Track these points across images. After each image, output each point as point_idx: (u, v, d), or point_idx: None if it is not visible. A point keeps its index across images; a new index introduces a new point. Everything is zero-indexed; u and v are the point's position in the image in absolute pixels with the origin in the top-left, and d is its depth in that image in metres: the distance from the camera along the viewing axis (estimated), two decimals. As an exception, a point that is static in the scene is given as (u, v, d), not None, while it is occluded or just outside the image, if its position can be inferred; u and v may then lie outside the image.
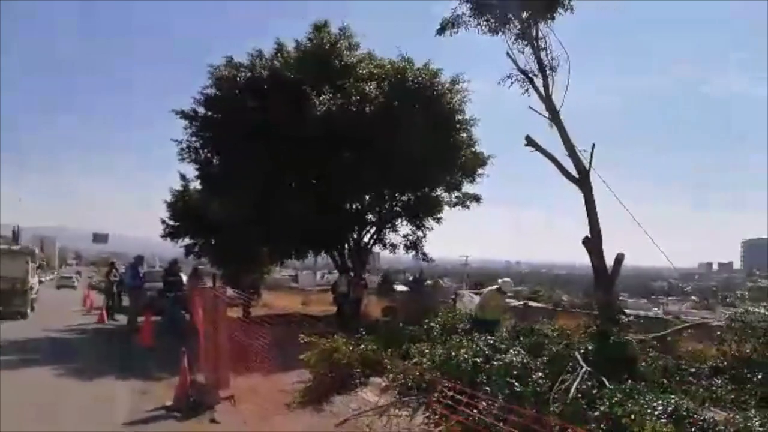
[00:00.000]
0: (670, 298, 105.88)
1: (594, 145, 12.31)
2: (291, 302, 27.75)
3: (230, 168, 19.04)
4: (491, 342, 10.08)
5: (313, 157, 18.07)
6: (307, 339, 10.40)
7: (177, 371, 9.22)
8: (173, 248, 29.59)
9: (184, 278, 18.84)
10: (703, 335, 11.91)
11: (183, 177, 28.94)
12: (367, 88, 18.39)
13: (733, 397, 8.82)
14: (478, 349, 9.77)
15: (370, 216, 22.10)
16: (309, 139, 17.40)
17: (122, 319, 19.23)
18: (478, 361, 9.26)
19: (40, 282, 30.51)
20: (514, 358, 9.00)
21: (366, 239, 22.41)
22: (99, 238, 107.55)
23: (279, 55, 19.79)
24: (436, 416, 8.08)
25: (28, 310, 20.74)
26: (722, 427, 7.13)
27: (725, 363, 10.02)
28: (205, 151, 20.57)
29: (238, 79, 19.48)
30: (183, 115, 19.85)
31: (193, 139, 20.21)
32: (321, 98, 17.91)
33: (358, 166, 18.19)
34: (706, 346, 11.25)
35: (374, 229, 22.33)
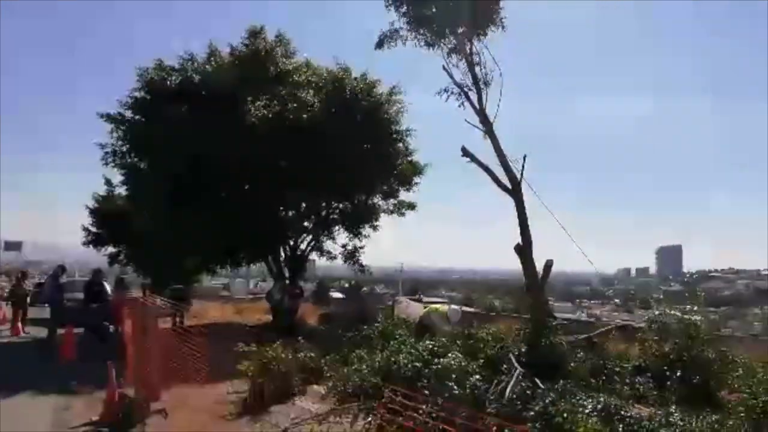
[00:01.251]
0: (592, 301, 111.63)
1: (525, 156, 12.84)
2: (223, 312, 26.88)
3: (158, 174, 18.29)
4: (430, 346, 10.23)
5: (247, 164, 17.69)
6: (244, 348, 10.15)
7: (101, 385, 8.74)
8: (96, 256, 28.05)
9: (109, 288, 17.97)
10: (626, 336, 12.60)
11: (108, 182, 27.51)
12: (305, 96, 18.26)
13: (655, 394, 9.38)
14: (417, 353, 9.89)
15: (306, 223, 21.89)
16: (243, 145, 17.02)
17: (33, 331, 18.02)
18: (418, 365, 9.38)
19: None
20: (453, 362, 9.18)
21: (303, 246, 22.18)
22: (11, 245, 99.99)
23: (212, 59, 19.28)
24: (378, 421, 8.08)
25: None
26: (647, 423, 7.56)
27: (647, 362, 10.65)
28: (132, 155, 19.64)
29: (168, 82, 18.81)
30: (109, 118, 18.88)
31: (120, 143, 19.26)
32: (256, 105, 17.60)
33: (294, 173, 17.98)
34: (629, 347, 11.90)
35: (311, 236, 22.13)
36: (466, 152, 13.29)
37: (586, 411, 7.72)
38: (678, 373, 9.85)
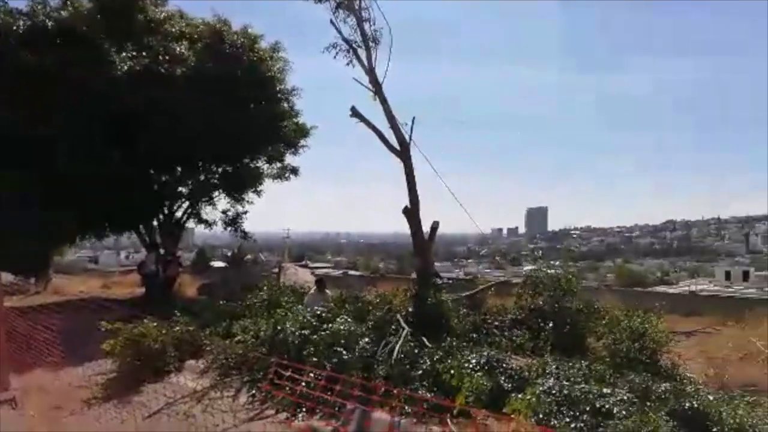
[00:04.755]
0: (469, 260, 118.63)
1: (414, 119, 12.72)
2: (89, 286, 24.56)
3: (6, 134, 15.83)
4: (318, 312, 9.94)
5: (113, 123, 15.87)
6: (107, 326, 9.16)
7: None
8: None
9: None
10: (504, 292, 13.23)
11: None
12: (178, 49, 16.67)
13: (531, 345, 9.94)
14: (304, 321, 9.57)
15: (182, 189, 20.36)
16: (106, 101, 15.20)
17: None
18: (306, 332, 9.08)
19: None
20: (341, 327, 8.99)
21: (179, 214, 20.66)
22: None
23: (69, 4, 16.81)
24: (262, 394, 7.71)
25: None
26: (525, 373, 7.94)
27: (523, 315, 11.24)
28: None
29: (14, 28, 16.13)
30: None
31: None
32: (122, 56, 15.75)
33: (167, 134, 16.44)
34: (506, 301, 12.50)
35: (187, 203, 20.67)
36: (355, 113, 12.91)
37: (471, 365, 7.95)
38: (551, 324, 10.50)
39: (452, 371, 7.69)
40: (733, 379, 8.62)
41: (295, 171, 21.04)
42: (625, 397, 7.00)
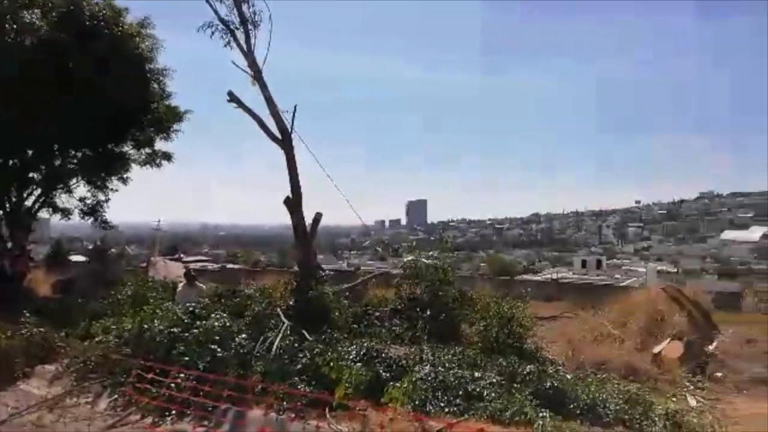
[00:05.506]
0: (352, 252, 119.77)
1: (296, 106, 12.39)
2: None
3: None
4: (190, 309, 9.38)
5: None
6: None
7: None
8: None
9: None
10: (386, 282, 13.44)
11: None
12: (27, 17, 14.79)
13: (410, 334, 10.16)
14: (174, 318, 8.98)
15: (33, 175, 18.19)
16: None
17: None
18: (176, 330, 8.51)
19: None
20: (216, 323, 8.55)
21: (29, 203, 18.45)
22: None
23: None
24: (125, 398, 7.10)
25: None
26: (403, 361, 8.10)
27: (402, 305, 11.47)
28: None
29: None
30: None
31: None
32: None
33: (14, 113, 14.54)
34: (386, 292, 12.70)
35: (40, 190, 18.52)
36: (233, 98, 12.31)
37: (350, 357, 7.95)
38: (428, 313, 10.83)
39: (332, 364, 7.64)
40: (588, 359, 9.48)
41: (168, 157, 19.63)
42: (495, 380, 7.40)
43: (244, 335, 8.52)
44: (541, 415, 6.61)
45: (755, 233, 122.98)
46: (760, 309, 12.73)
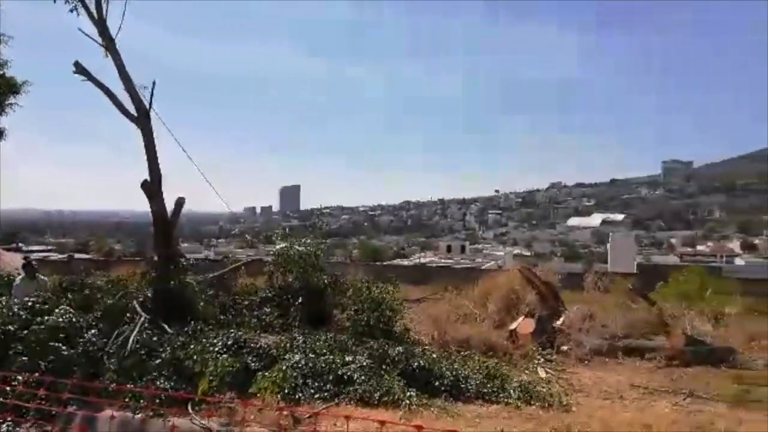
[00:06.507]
0: (220, 240, 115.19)
1: (154, 83, 11.41)
2: None
3: None
4: (30, 303, 8.33)
5: None
6: None
7: None
8: None
9: None
10: (256, 270, 13.01)
11: None
12: None
13: (281, 322, 9.95)
14: (10, 314, 7.93)
15: None
16: None
17: None
18: (12, 328, 7.52)
19: None
20: (60, 318, 7.69)
21: None
22: None
23: None
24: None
25: None
26: (273, 350, 7.90)
27: (273, 293, 11.20)
28: None
29: None
30: None
31: None
32: None
33: None
34: (256, 280, 12.31)
35: None
36: (81, 69, 11.00)
37: (216, 348, 7.59)
38: (299, 300, 10.68)
39: (195, 357, 7.24)
40: (452, 338, 9.96)
41: (0, 133, 17.31)
42: (365, 363, 7.49)
43: (94, 331, 7.77)
44: (408, 394, 6.84)
45: (596, 220, 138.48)
46: (598, 288, 14.26)
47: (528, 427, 6.26)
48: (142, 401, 6.21)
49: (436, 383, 7.37)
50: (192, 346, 7.58)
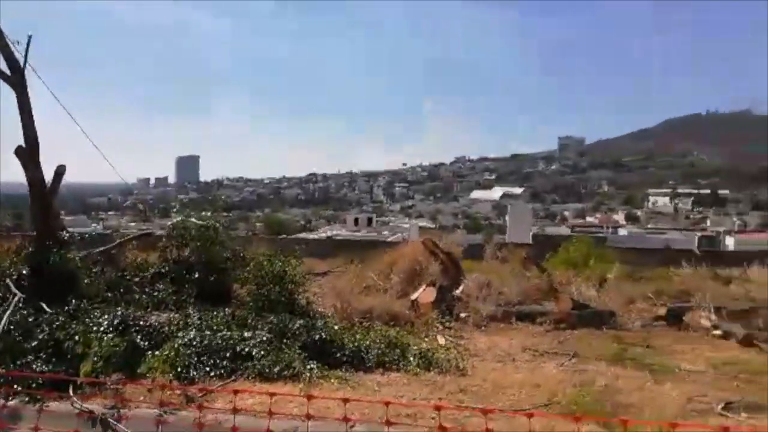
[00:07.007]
0: (110, 213, 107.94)
1: (30, 37, 10.18)
2: None
3: None
4: None
5: None
6: None
7: None
8: None
9: None
10: (148, 245, 12.25)
11: None
12: None
13: (174, 298, 9.44)
14: None
15: None
16: None
17: None
18: None
19: None
20: None
21: None
22: None
23: None
24: None
25: None
26: (165, 328, 7.49)
27: (167, 268, 10.61)
28: None
29: None
30: None
31: None
32: None
33: None
34: (149, 255, 11.60)
35: None
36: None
37: (101, 328, 7.08)
38: (196, 275, 10.21)
39: (77, 337, 6.71)
40: (355, 310, 10.01)
41: None
42: (265, 338, 7.33)
43: (-45, 313, 6.96)
44: (308, 367, 6.78)
45: (497, 193, 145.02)
46: (497, 258, 14.96)
47: (425, 392, 6.45)
48: (16, 386, 5.67)
49: (338, 354, 7.37)
50: (74, 326, 7.02)
